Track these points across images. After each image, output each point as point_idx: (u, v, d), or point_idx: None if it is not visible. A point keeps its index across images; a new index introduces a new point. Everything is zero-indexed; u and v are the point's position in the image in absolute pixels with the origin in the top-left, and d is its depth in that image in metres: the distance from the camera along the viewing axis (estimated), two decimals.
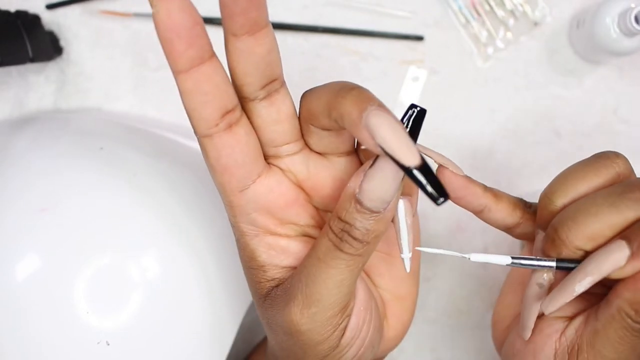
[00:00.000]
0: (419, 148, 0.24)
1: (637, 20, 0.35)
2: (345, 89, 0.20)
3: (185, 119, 0.21)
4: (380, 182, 0.20)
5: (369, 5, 0.43)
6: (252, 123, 0.22)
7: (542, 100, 0.43)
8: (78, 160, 0.32)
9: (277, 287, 0.24)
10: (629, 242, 0.21)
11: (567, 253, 0.23)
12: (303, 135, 0.23)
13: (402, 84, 0.43)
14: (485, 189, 0.25)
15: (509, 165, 0.43)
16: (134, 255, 0.30)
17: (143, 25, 0.43)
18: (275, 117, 0.22)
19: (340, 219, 0.21)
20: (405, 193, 0.23)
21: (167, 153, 0.37)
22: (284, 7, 0.43)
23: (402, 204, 0.22)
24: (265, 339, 0.34)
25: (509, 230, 0.26)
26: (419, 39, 0.43)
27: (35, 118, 0.39)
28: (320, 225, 0.25)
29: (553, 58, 0.43)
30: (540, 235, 0.25)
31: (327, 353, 0.23)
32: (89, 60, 0.43)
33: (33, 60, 0.39)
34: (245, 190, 0.22)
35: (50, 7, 0.42)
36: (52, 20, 0.43)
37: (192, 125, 0.21)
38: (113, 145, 0.34)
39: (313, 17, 0.43)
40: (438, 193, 0.18)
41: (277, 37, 0.21)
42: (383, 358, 0.30)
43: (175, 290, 0.31)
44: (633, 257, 0.21)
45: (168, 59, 0.19)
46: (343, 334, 0.23)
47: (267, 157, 0.23)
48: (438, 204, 0.18)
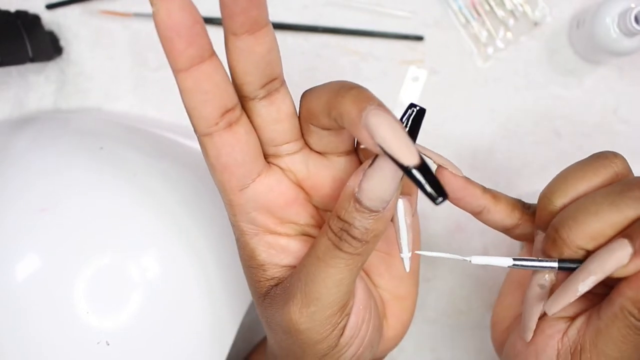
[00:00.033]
0: (418, 148, 0.24)
1: (637, 20, 0.35)
2: (345, 89, 0.20)
3: (185, 119, 0.21)
4: (380, 181, 0.20)
5: (369, 5, 0.43)
6: (252, 122, 0.22)
7: (542, 100, 0.43)
8: (78, 160, 0.32)
9: (276, 286, 0.24)
10: (631, 240, 0.21)
11: (568, 253, 0.23)
12: (303, 135, 0.23)
13: (402, 84, 0.43)
14: (484, 190, 0.25)
15: (509, 165, 0.43)
16: (134, 255, 0.30)
17: (143, 25, 0.43)
18: (275, 116, 0.22)
19: (340, 218, 0.21)
20: (405, 193, 0.23)
21: (167, 153, 0.37)
22: (284, 7, 0.43)
23: (401, 204, 0.22)
24: (265, 339, 0.34)
25: (508, 232, 0.26)
26: (419, 39, 0.43)
27: (35, 118, 0.39)
28: (320, 225, 0.25)
29: (553, 58, 0.43)
30: (540, 236, 0.25)
31: (326, 352, 0.23)
32: (89, 60, 0.43)
33: (33, 60, 0.39)
34: (245, 189, 0.22)
35: (50, 7, 0.42)
36: (52, 20, 0.43)
37: (192, 124, 0.21)
38: (113, 145, 0.34)
39: (313, 17, 0.43)
40: (437, 193, 0.18)
41: (277, 37, 0.21)
42: (383, 358, 0.30)
43: (175, 290, 0.31)
44: (636, 255, 0.21)
45: (168, 58, 0.19)
46: (342, 333, 0.23)
47: (267, 156, 0.23)
48: (437, 204, 0.18)
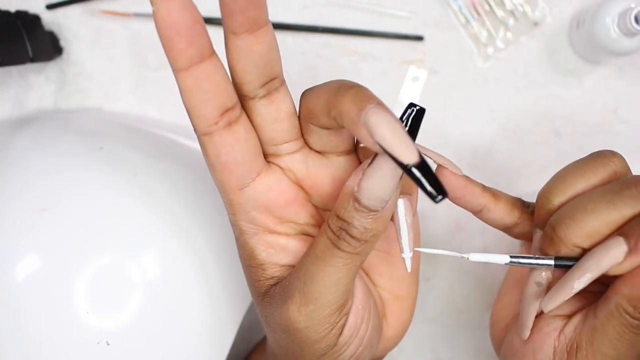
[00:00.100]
0: (418, 147, 0.24)
1: (637, 20, 0.35)
2: (345, 87, 0.20)
3: (185, 119, 0.21)
4: (379, 180, 0.20)
5: (369, 5, 0.43)
6: (251, 121, 0.22)
7: (542, 100, 0.43)
8: (78, 160, 0.32)
9: (275, 285, 0.24)
10: (627, 238, 0.21)
11: (565, 251, 0.23)
12: (303, 134, 0.23)
13: (402, 84, 0.43)
14: (484, 189, 0.26)
15: (509, 165, 0.43)
16: (134, 255, 0.30)
17: (143, 25, 0.43)
18: (275, 115, 0.22)
19: (339, 217, 0.21)
20: (405, 192, 0.23)
21: (167, 153, 0.37)
22: (284, 7, 0.43)
23: (402, 203, 0.22)
24: (265, 339, 0.34)
25: (508, 230, 0.26)
26: (419, 39, 0.43)
27: (35, 118, 0.39)
28: (320, 224, 0.25)
29: (553, 58, 0.43)
30: (538, 234, 0.25)
31: (324, 351, 0.23)
32: (89, 60, 0.43)
33: (33, 60, 0.39)
34: (245, 189, 0.22)
35: (50, 7, 0.42)
36: (52, 20, 0.43)
37: (192, 124, 0.21)
38: (113, 145, 0.34)
39: (313, 17, 0.43)
40: (436, 191, 0.18)
41: (277, 37, 0.21)
42: (382, 357, 0.30)
43: (175, 290, 0.31)
44: (631, 253, 0.21)
45: (168, 57, 0.19)
46: (341, 333, 0.23)
47: (266, 155, 0.23)
48: (436, 202, 0.18)
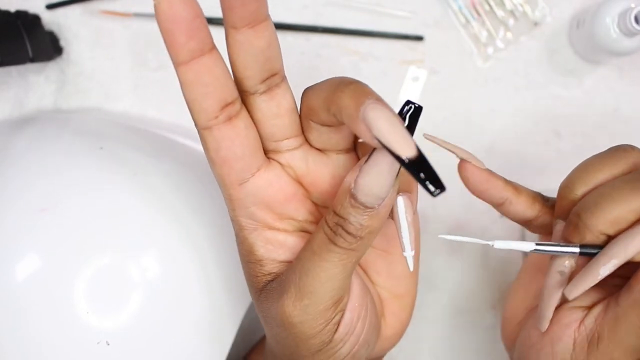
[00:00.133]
0: (442, 142, 0.25)
1: (637, 20, 0.35)
2: (344, 84, 0.20)
3: (185, 119, 0.21)
4: (375, 177, 0.20)
5: (369, 5, 0.43)
6: (252, 117, 0.22)
7: (542, 100, 0.43)
8: (78, 160, 0.32)
9: (272, 280, 0.24)
10: None
11: (590, 238, 0.23)
12: (304, 132, 0.23)
13: (402, 84, 0.43)
14: (506, 182, 0.26)
15: (509, 165, 0.43)
16: (134, 255, 0.30)
17: (143, 25, 0.43)
18: (276, 111, 0.22)
19: (335, 213, 0.21)
20: (405, 190, 0.23)
21: (167, 153, 0.37)
22: (284, 7, 0.43)
23: (401, 201, 0.22)
24: (264, 337, 0.34)
25: (528, 223, 0.27)
26: (419, 39, 0.43)
27: (35, 118, 0.39)
28: (318, 221, 0.25)
29: (553, 58, 0.43)
30: (560, 225, 0.25)
31: (319, 347, 0.23)
32: (89, 60, 0.43)
33: (33, 60, 0.39)
34: (245, 184, 0.22)
35: (50, 7, 0.42)
36: (52, 20, 0.43)
37: (192, 118, 0.21)
38: (113, 145, 0.34)
39: (313, 17, 0.43)
40: (434, 185, 0.18)
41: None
42: (382, 357, 0.30)
43: (175, 290, 0.31)
44: None
45: (169, 51, 0.19)
46: (336, 329, 0.23)
47: (267, 151, 0.23)
48: (434, 196, 0.18)
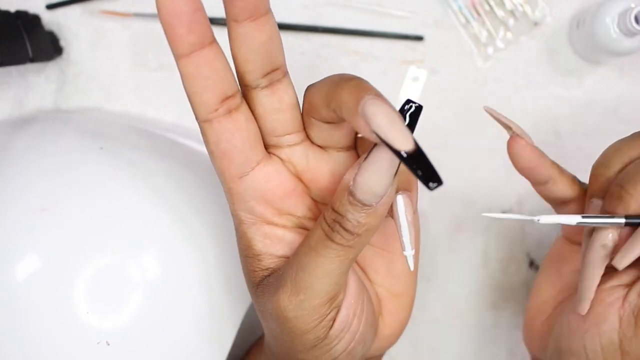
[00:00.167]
0: (498, 115, 0.26)
1: (637, 20, 0.35)
2: (344, 80, 0.20)
3: (185, 119, 0.21)
4: (374, 174, 0.20)
5: (369, 5, 0.43)
6: (253, 111, 0.22)
7: (542, 100, 0.43)
8: (78, 160, 0.32)
9: (269, 275, 0.24)
10: None
11: (635, 207, 0.23)
12: (305, 128, 0.23)
13: (402, 84, 0.43)
14: (553, 162, 0.27)
15: (509, 165, 0.43)
16: (134, 255, 0.30)
17: (143, 25, 0.43)
18: (277, 106, 0.22)
19: (334, 210, 0.21)
20: (405, 188, 0.23)
21: (167, 153, 0.37)
22: (284, 7, 0.43)
23: (401, 200, 0.22)
24: (263, 336, 0.34)
25: (562, 205, 0.28)
26: (419, 39, 0.43)
27: (35, 118, 0.39)
28: (317, 218, 0.25)
29: (553, 58, 0.43)
30: (596, 204, 0.26)
31: (314, 343, 0.23)
32: (89, 60, 0.43)
33: (33, 60, 0.39)
34: (244, 177, 0.23)
35: (50, 7, 0.42)
36: (52, 20, 0.43)
37: (193, 111, 0.21)
38: (113, 145, 0.34)
39: (313, 17, 0.43)
40: (432, 179, 0.18)
41: None
42: (381, 356, 0.30)
43: (176, 290, 0.31)
44: None
45: (170, 43, 0.19)
46: (331, 325, 0.23)
47: (268, 146, 0.24)
48: (431, 189, 0.18)
